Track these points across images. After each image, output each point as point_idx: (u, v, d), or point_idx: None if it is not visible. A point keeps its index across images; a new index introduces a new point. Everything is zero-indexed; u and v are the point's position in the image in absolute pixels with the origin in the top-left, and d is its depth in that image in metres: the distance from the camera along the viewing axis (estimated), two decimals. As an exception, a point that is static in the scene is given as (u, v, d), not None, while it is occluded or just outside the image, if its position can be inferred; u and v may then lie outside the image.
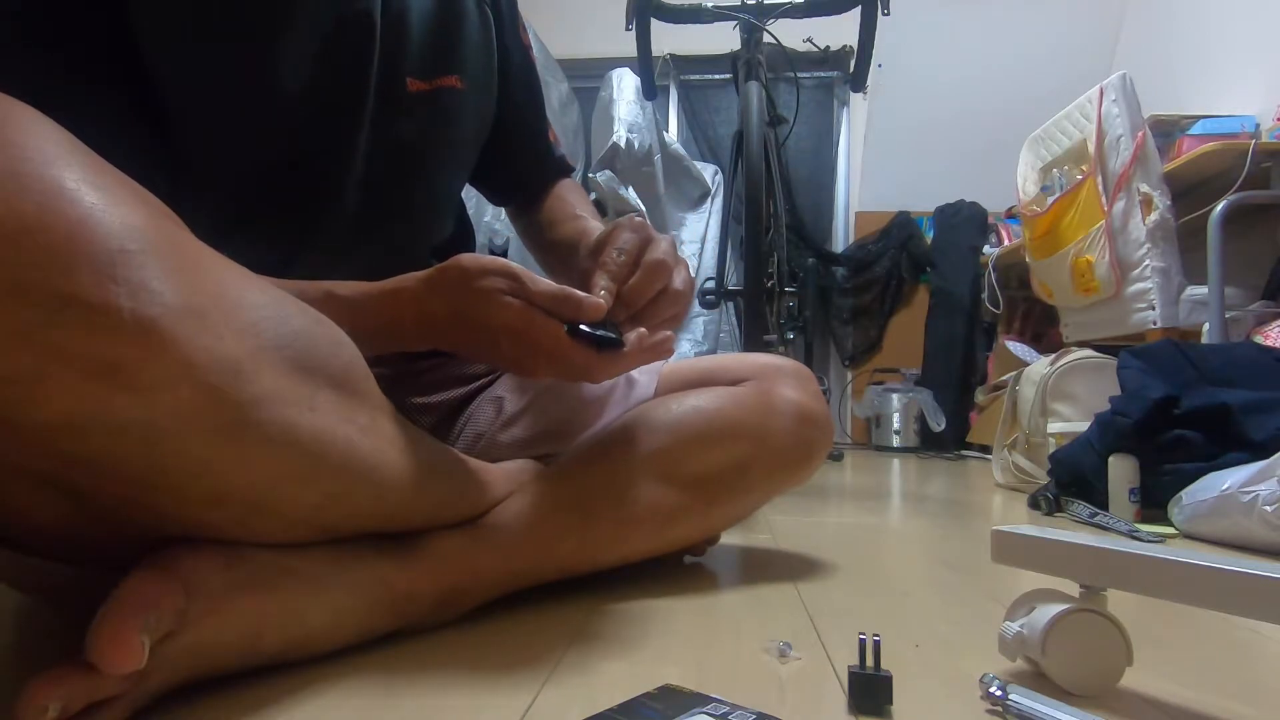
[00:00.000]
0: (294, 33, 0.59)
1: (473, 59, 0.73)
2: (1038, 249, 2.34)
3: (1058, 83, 2.70)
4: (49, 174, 0.30)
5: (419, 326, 0.54)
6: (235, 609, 0.41)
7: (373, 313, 0.54)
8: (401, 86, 0.66)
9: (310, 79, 0.60)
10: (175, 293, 0.33)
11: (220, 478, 0.37)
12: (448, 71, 0.70)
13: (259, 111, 0.59)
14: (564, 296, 0.50)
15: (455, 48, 0.71)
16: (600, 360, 0.52)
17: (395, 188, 0.68)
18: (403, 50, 0.66)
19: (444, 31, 0.70)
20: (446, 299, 0.52)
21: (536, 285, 0.50)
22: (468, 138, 0.75)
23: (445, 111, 0.70)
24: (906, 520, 1.24)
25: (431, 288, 0.53)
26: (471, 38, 0.73)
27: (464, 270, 0.51)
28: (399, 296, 0.54)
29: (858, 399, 3.46)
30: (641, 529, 0.65)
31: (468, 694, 0.42)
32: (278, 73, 0.59)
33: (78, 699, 0.33)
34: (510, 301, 0.50)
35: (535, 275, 0.52)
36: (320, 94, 0.61)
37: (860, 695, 0.41)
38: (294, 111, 0.60)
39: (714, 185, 3.30)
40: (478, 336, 0.53)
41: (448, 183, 0.75)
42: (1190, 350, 1.36)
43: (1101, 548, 0.43)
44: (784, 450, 0.70)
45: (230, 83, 0.58)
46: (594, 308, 0.51)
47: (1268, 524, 0.97)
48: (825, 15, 1.83)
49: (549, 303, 0.50)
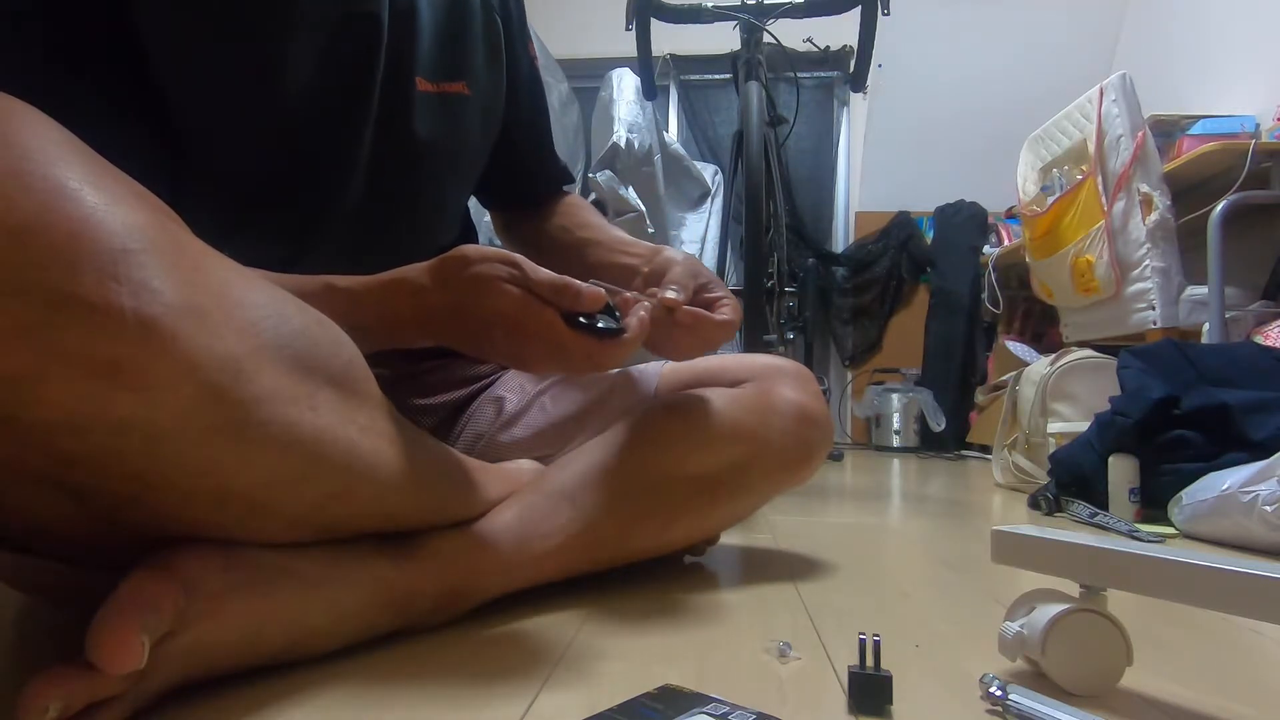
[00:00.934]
0: (299, 31, 0.59)
1: (481, 68, 0.73)
2: (1038, 249, 2.35)
3: (1058, 83, 2.70)
4: (51, 173, 0.30)
5: (417, 319, 0.54)
6: (235, 609, 0.41)
7: (372, 304, 0.53)
8: (410, 86, 0.66)
9: (315, 78, 0.60)
10: (176, 292, 0.33)
11: (221, 477, 0.37)
12: (456, 77, 0.70)
13: (263, 110, 0.59)
14: (563, 285, 0.50)
15: (464, 55, 0.71)
16: (602, 348, 0.52)
17: (400, 190, 0.68)
18: (411, 51, 0.66)
19: (453, 38, 0.70)
20: (446, 289, 0.52)
21: (537, 274, 0.51)
22: (475, 144, 0.75)
23: (452, 116, 0.70)
24: (906, 520, 1.24)
25: (432, 276, 0.53)
26: (481, 47, 0.73)
27: (465, 257, 0.51)
28: (399, 287, 0.54)
29: (858, 399, 3.46)
30: (641, 529, 0.65)
31: (468, 694, 0.42)
32: (282, 72, 0.59)
33: (78, 699, 0.33)
34: (508, 289, 0.50)
35: (536, 265, 0.51)
36: (325, 94, 0.61)
37: (860, 695, 0.41)
38: (299, 111, 0.60)
39: (714, 185, 3.30)
40: (476, 328, 0.53)
41: (453, 188, 0.75)
42: (1190, 350, 1.36)
43: (1101, 548, 0.43)
44: (784, 450, 0.70)
45: (234, 82, 0.58)
46: (593, 297, 0.51)
47: (1268, 524, 0.97)
48: (825, 15, 1.83)
49: (548, 291, 0.50)
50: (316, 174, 0.63)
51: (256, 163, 0.61)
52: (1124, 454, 1.28)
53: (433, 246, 0.75)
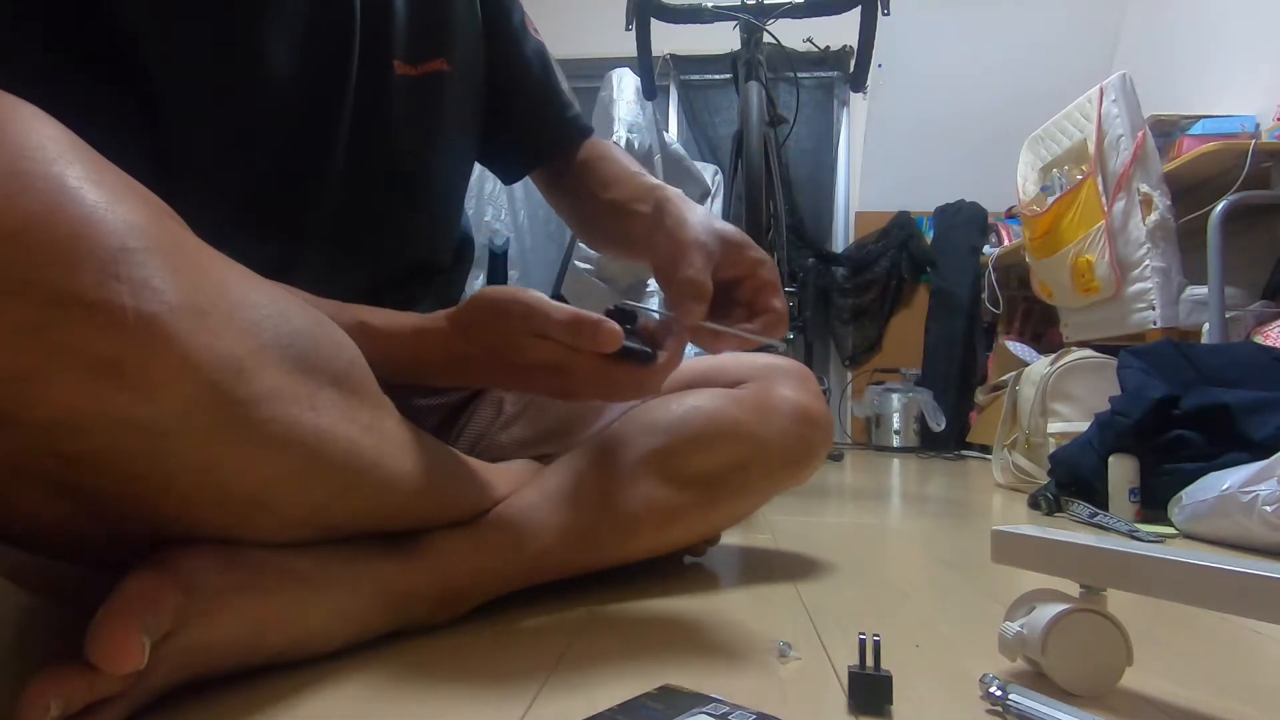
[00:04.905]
0: (274, 12, 0.59)
1: (460, 35, 0.71)
2: (1038, 249, 2.35)
3: (1058, 83, 2.70)
4: (51, 172, 0.30)
5: (448, 365, 0.54)
6: (235, 609, 0.41)
7: (402, 349, 0.54)
8: (388, 70, 0.65)
9: (293, 62, 0.60)
10: (177, 291, 0.33)
11: (222, 476, 0.37)
12: (435, 54, 0.69)
13: (243, 98, 0.59)
14: (578, 326, 0.48)
15: (443, 29, 0.69)
16: (646, 375, 0.52)
17: (387, 179, 0.68)
18: (388, 32, 0.65)
19: (431, 11, 0.69)
20: (476, 339, 0.52)
21: (551, 319, 0.49)
22: (464, 122, 0.74)
23: (432, 96, 0.69)
24: (906, 520, 1.24)
25: (458, 328, 0.53)
26: (459, 12, 0.71)
27: (486, 310, 0.51)
28: (427, 338, 0.54)
29: (858, 399, 3.46)
30: (642, 529, 0.65)
31: (468, 694, 0.42)
32: (261, 55, 0.58)
33: (78, 698, 0.33)
34: (536, 341, 0.50)
35: (550, 304, 0.49)
36: (304, 79, 0.61)
37: (860, 695, 0.41)
38: (278, 97, 0.60)
39: (714, 185, 3.29)
40: (515, 373, 0.53)
41: (445, 174, 0.74)
42: (1190, 350, 1.36)
43: (1101, 548, 0.43)
44: (784, 450, 0.70)
45: (213, 66, 0.57)
46: (609, 336, 0.48)
47: (1268, 524, 0.97)
48: (825, 15, 1.83)
49: (566, 335, 0.49)
50: (298, 165, 0.63)
51: (240, 155, 0.60)
52: (1124, 454, 1.28)
53: (432, 239, 0.75)
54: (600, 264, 2.28)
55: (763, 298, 0.57)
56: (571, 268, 2.33)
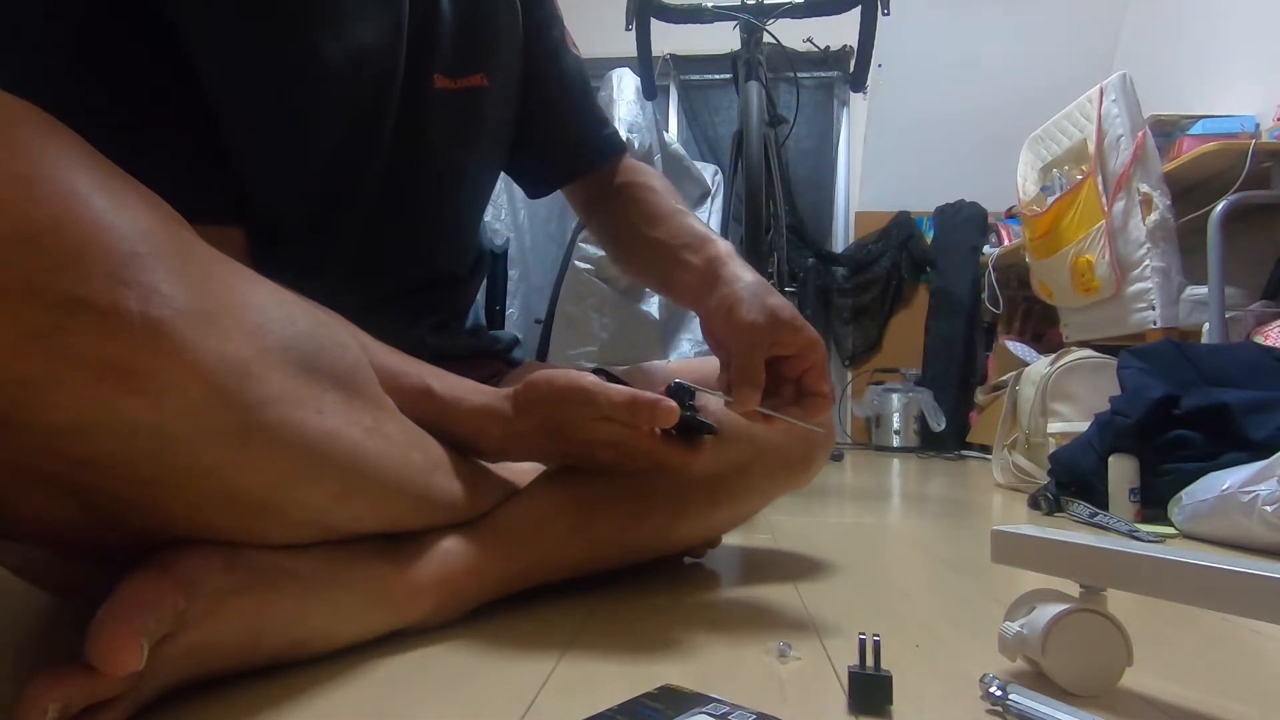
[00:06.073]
0: (330, 20, 0.59)
1: (502, 50, 0.72)
2: (1038, 249, 2.35)
3: (1058, 83, 2.70)
4: (61, 178, 0.30)
5: (506, 440, 0.57)
6: (235, 610, 0.41)
7: (466, 422, 0.56)
8: (428, 83, 0.66)
9: (344, 70, 0.60)
10: (184, 295, 0.33)
11: (229, 479, 0.37)
12: (475, 69, 0.69)
13: (298, 100, 0.60)
14: (635, 406, 0.52)
15: (485, 40, 0.70)
16: (698, 448, 0.56)
17: (421, 188, 0.68)
18: (431, 46, 0.66)
19: (475, 28, 0.69)
20: (537, 421, 0.55)
21: (611, 400, 0.52)
22: (497, 135, 0.74)
23: (471, 111, 0.69)
24: (906, 520, 1.24)
25: (520, 411, 0.56)
26: (502, 29, 0.72)
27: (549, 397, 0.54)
28: (487, 416, 0.56)
29: (858, 399, 3.46)
30: (642, 530, 0.65)
31: (468, 694, 0.42)
32: (316, 60, 0.59)
33: (78, 699, 0.33)
34: (598, 425, 0.53)
35: (608, 388, 0.53)
36: (353, 87, 0.61)
37: (860, 695, 0.41)
38: (328, 102, 0.61)
39: (714, 185, 3.29)
40: (577, 450, 0.57)
41: (474, 186, 0.75)
42: (1190, 350, 1.36)
43: (1101, 548, 0.43)
44: (785, 451, 0.70)
45: (269, 70, 0.58)
46: (667, 413, 0.52)
47: (1268, 524, 0.97)
48: (825, 15, 1.83)
49: (625, 415, 0.52)
50: (342, 168, 0.63)
51: (293, 168, 0.61)
52: (1124, 454, 1.28)
53: (452, 250, 0.75)
54: (600, 264, 2.28)
55: (811, 379, 0.60)
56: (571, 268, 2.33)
